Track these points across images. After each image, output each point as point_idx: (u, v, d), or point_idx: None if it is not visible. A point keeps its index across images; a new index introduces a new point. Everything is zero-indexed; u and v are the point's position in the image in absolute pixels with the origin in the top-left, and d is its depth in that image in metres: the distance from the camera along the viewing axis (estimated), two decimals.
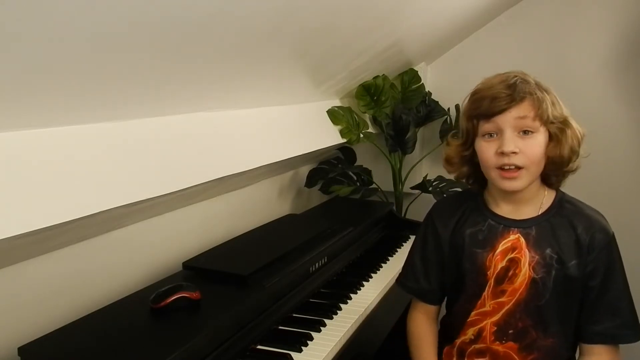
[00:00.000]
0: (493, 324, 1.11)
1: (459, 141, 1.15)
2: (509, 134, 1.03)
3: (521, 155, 1.03)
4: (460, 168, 1.16)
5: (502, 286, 1.10)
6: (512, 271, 1.08)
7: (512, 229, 1.10)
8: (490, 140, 1.06)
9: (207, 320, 1.06)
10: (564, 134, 1.05)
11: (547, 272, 1.07)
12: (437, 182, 2.11)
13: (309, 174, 2.05)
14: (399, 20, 1.64)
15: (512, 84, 1.04)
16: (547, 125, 1.04)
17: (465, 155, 1.14)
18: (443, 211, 1.21)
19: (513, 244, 1.09)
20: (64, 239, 1.08)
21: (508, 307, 1.09)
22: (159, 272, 1.36)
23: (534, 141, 1.03)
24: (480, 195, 1.18)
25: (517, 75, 1.07)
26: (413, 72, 2.22)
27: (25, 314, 1.06)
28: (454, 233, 1.16)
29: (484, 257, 1.11)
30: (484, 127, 1.06)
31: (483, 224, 1.13)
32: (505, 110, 1.03)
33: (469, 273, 1.13)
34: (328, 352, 1.14)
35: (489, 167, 1.07)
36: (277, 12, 1.05)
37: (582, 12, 2.12)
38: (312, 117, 1.85)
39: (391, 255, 1.74)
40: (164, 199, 1.16)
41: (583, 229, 1.07)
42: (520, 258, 1.08)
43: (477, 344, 1.14)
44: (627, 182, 2.14)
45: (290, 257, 1.39)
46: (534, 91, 1.03)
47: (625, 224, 2.14)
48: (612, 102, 2.12)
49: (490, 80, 1.08)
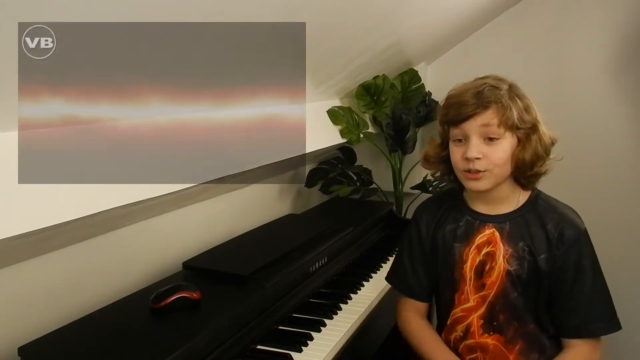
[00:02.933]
0: (479, 317, 1.16)
1: (438, 142, 1.22)
2: (474, 141, 1.09)
3: (484, 160, 1.08)
4: (437, 167, 1.23)
5: (482, 280, 1.15)
6: (488, 265, 1.14)
7: (487, 224, 1.16)
8: (459, 145, 1.12)
9: (207, 320, 1.07)
10: (528, 139, 1.10)
11: (520, 265, 1.12)
12: (437, 182, 2.10)
13: (309, 174, 2.05)
14: (399, 20, 1.64)
15: (480, 91, 1.09)
16: (513, 131, 1.09)
17: (442, 155, 1.20)
18: (425, 211, 1.27)
19: (488, 238, 1.15)
20: (64, 239, 1.08)
21: (489, 299, 1.15)
22: (159, 272, 1.36)
23: (498, 147, 1.09)
24: (460, 194, 1.24)
25: (487, 83, 1.11)
26: (413, 72, 2.22)
27: (25, 314, 1.06)
28: (435, 230, 1.22)
29: (461, 251, 1.17)
30: (453, 132, 1.13)
31: (461, 220, 1.20)
32: (470, 117, 1.08)
33: (447, 266, 1.19)
34: (328, 352, 1.14)
35: (457, 169, 1.14)
36: (278, 12, 1.05)
37: (582, 12, 2.12)
38: (312, 117, 1.85)
39: (391, 255, 1.74)
40: (164, 199, 1.16)
41: (552, 225, 1.12)
42: (495, 251, 1.14)
43: (467, 339, 1.18)
44: (627, 181, 2.14)
45: (290, 257, 1.39)
46: (500, 99, 1.08)
47: (625, 222, 2.15)
48: (612, 102, 2.12)
49: (461, 87, 1.13)
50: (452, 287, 1.19)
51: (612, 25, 2.07)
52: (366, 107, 2.07)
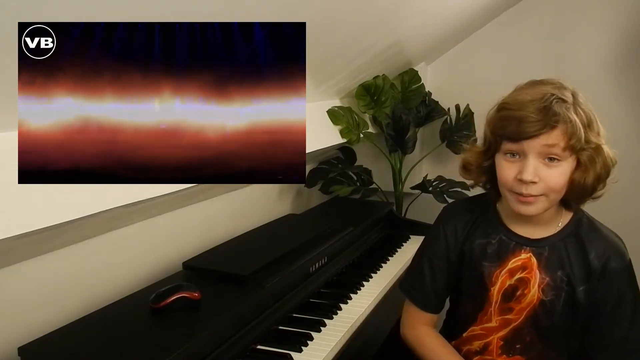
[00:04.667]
0: (500, 338, 1.09)
1: (480, 149, 1.06)
2: (531, 161, 0.94)
3: (541, 184, 0.95)
4: (478, 177, 1.09)
5: (509, 304, 1.07)
6: (520, 291, 1.05)
7: (524, 247, 1.05)
8: (511, 160, 0.98)
9: (207, 320, 1.06)
10: (592, 163, 0.97)
11: (557, 295, 1.03)
12: (437, 182, 2.11)
13: (309, 174, 2.05)
14: (399, 20, 1.64)
15: (546, 106, 0.93)
16: (577, 153, 0.96)
17: (485, 165, 1.06)
18: (454, 217, 1.14)
19: (524, 263, 1.05)
20: (64, 239, 1.08)
21: (515, 324, 1.07)
22: (159, 272, 1.36)
23: (559, 170, 0.95)
24: (493, 205, 1.11)
25: (554, 93, 0.95)
26: (413, 72, 2.22)
27: (25, 314, 1.06)
28: (464, 242, 1.11)
29: (490, 272, 1.07)
30: (507, 145, 0.98)
31: (494, 237, 1.08)
32: (534, 137, 0.93)
33: (472, 285, 1.10)
34: (328, 352, 1.14)
35: (505, 188, 1.00)
36: (278, 12, 1.05)
37: (582, 12, 2.12)
38: (312, 117, 1.85)
39: (391, 255, 1.74)
40: (164, 199, 1.16)
41: (596, 255, 1.01)
42: (530, 278, 1.04)
43: (483, 355, 1.12)
44: (627, 181, 2.14)
45: (290, 257, 1.38)
46: (568, 116, 0.93)
47: (625, 223, 2.15)
48: (612, 102, 2.12)
49: (521, 95, 0.97)
50: (475, 306, 1.10)
51: (612, 25, 2.08)
52: (366, 107, 2.07)
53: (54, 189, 0.88)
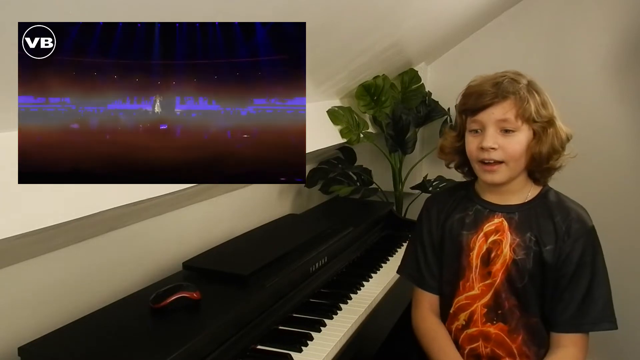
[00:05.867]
0: (483, 306, 1.16)
1: (454, 133, 1.23)
2: (490, 132, 1.10)
3: (500, 151, 1.10)
4: (452, 157, 1.24)
5: (487, 268, 1.16)
6: (494, 252, 1.15)
7: (497, 213, 1.18)
8: (475, 135, 1.14)
9: (207, 320, 1.06)
10: (545, 133, 1.11)
11: (527, 254, 1.13)
12: (437, 182, 2.11)
13: (309, 174, 2.05)
14: (399, 20, 1.64)
15: (499, 82, 1.10)
16: (529, 124, 1.10)
17: (457, 146, 1.21)
18: (436, 200, 1.29)
19: (497, 227, 1.16)
20: (64, 239, 1.08)
21: (495, 287, 1.15)
22: (159, 272, 1.36)
23: (514, 139, 1.10)
24: (471, 185, 1.25)
25: (507, 75, 1.12)
26: (413, 72, 2.22)
27: (25, 314, 1.06)
28: (446, 219, 1.23)
29: (468, 239, 1.18)
30: (470, 123, 1.14)
31: (471, 208, 1.21)
32: (488, 106, 1.10)
33: (454, 254, 1.20)
34: (328, 352, 1.14)
35: (473, 160, 1.15)
36: (278, 12, 1.05)
37: (582, 12, 2.12)
38: (312, 117, 1.85)
39: (391, 255, 1.74)
40: (164, 199, 1.16)
41: (560, 218, 1.13)
42: (502, 240, 1.15)
43: (469, 328, 1.18)
44: (627, 181, 2.14)
45: (290, 257, 1.39)
46: (518, 91, 1.09)
47: (625, 222, 2.15)
48: (612, 102, 2.12)
49: (482, 78, 1.15)
50: (458, 274, 1.19)
51: (612, 26, 2.07)
52: (366, 107, 2.08)
53: (54, 189, 0.88)
